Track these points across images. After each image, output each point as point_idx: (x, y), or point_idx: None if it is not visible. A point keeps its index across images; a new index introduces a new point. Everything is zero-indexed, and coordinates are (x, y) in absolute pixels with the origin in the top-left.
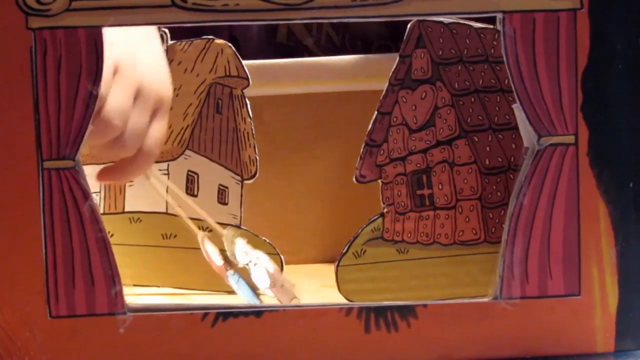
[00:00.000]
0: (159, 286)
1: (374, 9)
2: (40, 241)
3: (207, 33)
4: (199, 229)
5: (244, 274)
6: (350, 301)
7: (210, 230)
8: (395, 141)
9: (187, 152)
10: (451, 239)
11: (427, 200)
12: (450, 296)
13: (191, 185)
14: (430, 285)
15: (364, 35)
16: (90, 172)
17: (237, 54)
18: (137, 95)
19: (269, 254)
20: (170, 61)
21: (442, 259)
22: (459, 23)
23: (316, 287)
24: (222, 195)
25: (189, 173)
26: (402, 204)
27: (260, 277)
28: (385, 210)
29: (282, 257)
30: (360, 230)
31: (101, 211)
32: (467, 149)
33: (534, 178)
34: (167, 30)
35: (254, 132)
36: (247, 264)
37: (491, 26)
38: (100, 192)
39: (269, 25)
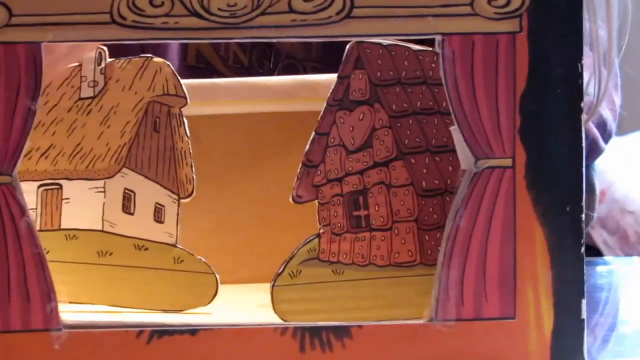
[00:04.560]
0: (94, 303)
1: (313, 29)
2: None
3: (119, 52)
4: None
5: None
6: (286, 321)
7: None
8: (332, 162)
9: (124, 170)
10: (387, 260)
11: (363, 222)
12: (386, 317)
13: (128, 203)
14: (365, 306)
15: (271, 55)
16: (27, 189)
17: (176, 72)
18: None
19: (203, 272)
20: (108, 79)
21: (377, 281)
22: (397, 45)
23: (252, 307)
24: (158, 214)
25: (126, 191)
26: (339, 224)
27: None
28: (321, 230)
29: (217, 276)
30: (296, 251)
31: (37, 228)
32: (404, 171)
33: (471, 201)
34: (105, 48)
35: (191, 151)
36: None
37: (430, 48)
38: (36, 208)
39: (179, 48)
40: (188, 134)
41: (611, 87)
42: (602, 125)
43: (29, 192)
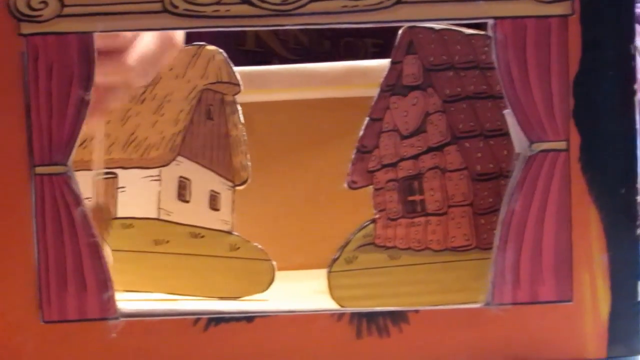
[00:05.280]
0: (151, 292)
1: (364, 14)
2: (33, 247)
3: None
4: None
5: None
6: (342, 307)
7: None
8: (386, 147)
9: (179, 158)
10: (442, 245)
11: (418, 206)
12: (442, 302)
13: (183, 191)
14: (421, 291)
15: (331, 33)
16: (82, 178)
17: (229, 60)
18: None
19: (260, 259)
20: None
21: (433, 265)
22: (449, 29)
23: (308, 293)
24: (214, 201)
25: (181, 179)
26: (394, 210)
27: None
28: (376, 216)
29: (273, 262)
30: (351, 236)
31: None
32: (458, 155)
33: (526, 184)
34: None
35: (245, 138)
36: None
37: (482, 32)
38: (92, 197)
39: (236, 32)
40: (242, 121)
41: None
42: None
43: (84, 182)
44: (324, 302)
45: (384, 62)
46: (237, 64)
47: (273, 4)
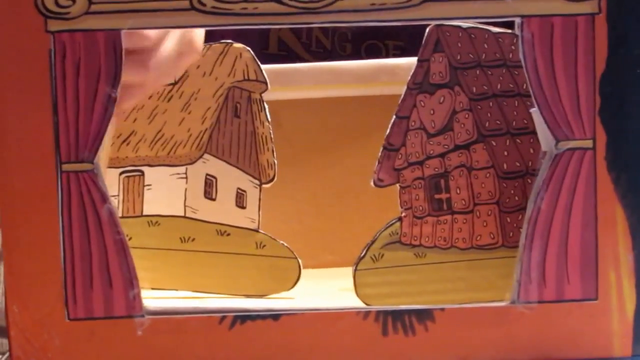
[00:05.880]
0: (177, 289)
1: (392, 12)
2: (59, 244)
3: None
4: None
5: None
6: (368, 305)
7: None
8: (413, 145)
9: (206, 155)
10: (469, 243)
11: (444, 205)
12: (468, 300)
13: (209, 189)
14: (447, 289)
15: (353, 36)
16: (109, 176)
17: (256, 57)
18: None
19: (286, 257)
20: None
21: (459, 263)
22: (477, 27)
23: (334, 291)
24: (240, 199)
25: (207, 177)
26: (420, 208)
27: None
28: (403, 214)
29: (299, 260)
30: (378, 234)
31: (119, 214)
32: (485, 154)
33: (552, 182)
34: None
35: (272, 136)
36: None
37: (509, 30)
38: (118, 195)
39: (260, 36)
40: (269, 119)
41: None
42: None
43: (111, 179)
44: (350, 300)
45: (411, 60)
46: None
47: (301, 1)
